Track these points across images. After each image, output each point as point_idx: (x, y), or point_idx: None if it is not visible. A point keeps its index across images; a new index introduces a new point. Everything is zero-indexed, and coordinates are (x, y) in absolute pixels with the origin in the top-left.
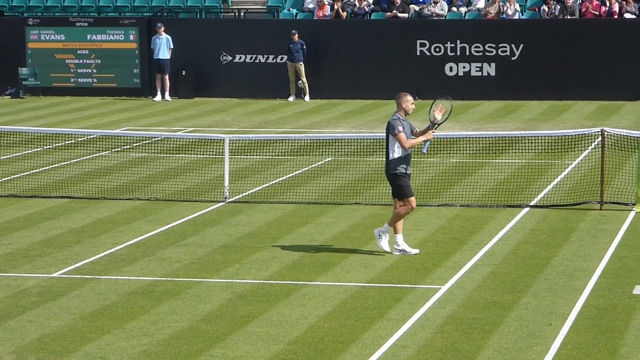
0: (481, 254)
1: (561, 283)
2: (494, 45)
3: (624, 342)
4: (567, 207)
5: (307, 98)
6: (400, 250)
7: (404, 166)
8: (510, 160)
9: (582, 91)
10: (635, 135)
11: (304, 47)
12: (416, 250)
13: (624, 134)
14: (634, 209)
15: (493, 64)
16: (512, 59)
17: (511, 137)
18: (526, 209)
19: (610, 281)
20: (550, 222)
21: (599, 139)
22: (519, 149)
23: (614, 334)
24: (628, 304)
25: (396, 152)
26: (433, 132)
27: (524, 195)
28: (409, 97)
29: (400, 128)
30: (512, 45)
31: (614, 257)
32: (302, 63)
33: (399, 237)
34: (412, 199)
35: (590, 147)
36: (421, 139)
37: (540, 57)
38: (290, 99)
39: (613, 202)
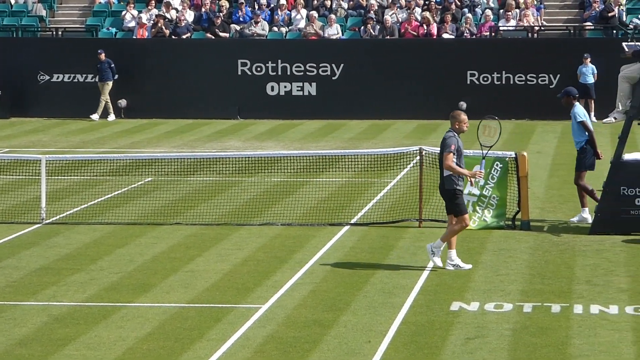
0: (302, 273)
1: (380, 300)
2: (315, 65)
3: (441, 358)
4: (386, 224)
5: (94, 117)
6: (454, 265)
7: (460, 183)
8: (331, 179)
9: (401, 110)
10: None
11: (112, 65)
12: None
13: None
14: None
15: (314, 84)
16: (333, 78)
17: (332, 155)
18: (346, 227)
19: (428, 298)
20: (370, 239)
21: (418, 157)
22: (339, 168)
23: (432, 350)
24: (446, 320)
25: None
26: (481, 172)
27: (345, 213)
28: (463, 117)
29: (453, 147)
30: (333, 65)
31: (432, 273)
32: (110, 82)
33: (453, 253)
34: (467, 216)
35: (409, 166)
36: (464, 172)
37: (361, 77)
38: (110, 118)
39: (431, 220)
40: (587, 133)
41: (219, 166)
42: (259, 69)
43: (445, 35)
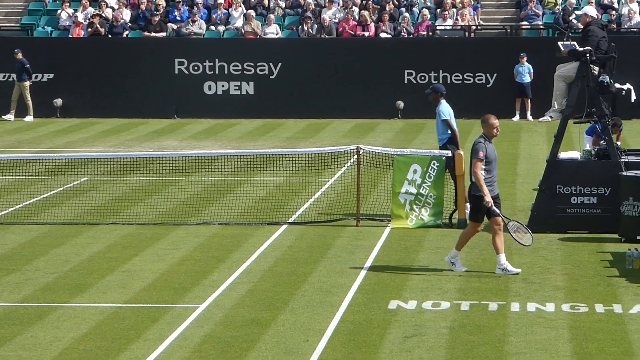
0: (239, 272)
1: (318, 299)
2: (253, 64)
3: (379, 356)
4: (324, 223)
5: (28, 119)
6: (503, 270)
7: (489, 188)
8: (268, 178)
9: (339, 109)
10: (390, 153)
11: (27, 66)
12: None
13: (379, 151)
14: (389, 224)
15: (252, 83)
16: (271, 77)
17: (269, 155)
18: (284, 226)
19: (366, 296)
20: (308, 238)
21: (355, 156)
22: (277, 167)
23: (370, 349)
24: (383, 318)
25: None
26: (491, 206)
27: (282, 212)
28: (493, 122)
29: (482, 153)
30: (271, 64)
31: (370, 272)
32: (25, 83)
33: (502, 257)
34: (479, 224)
35: (347, 165)
36: (485, 192)
37: (298, 76)
38: (7, 116)
39: (369, 219)
40: (449, 131)
41: (155, 166)
42: (196, 68)
43: (382, 35)
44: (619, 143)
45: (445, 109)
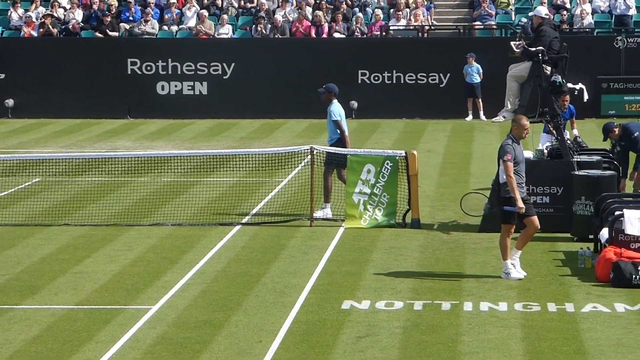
0: (192, 273)
1: (271, 300)
2: (206, 64)
3: (332, 356)
4: (278, 224)
5: None
6: (507, 274)
7: (518, 190)
8: (222, 179)
9: (292, 110)
10: (343, 152)
11: None
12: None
13: (333, 151)
14: (343, 225)
15: (205, 83)
16: (224, 77)
17: (223, 155)
18: (238, 227)
19: (319, 297)
20: (262, 239)
21: (309, 156)
22: (230, 167)
23: (323, 349)
24: (337, 318)
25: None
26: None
27: (236, 213)
28: (524, 123)
29: (509, 156)
30: (224, 64)
31: (324, 272)
32: None
33: (507, 262)
34: (511, 227)
35: (300, 165)
36: (517, 198)
37: (252, 76)
38: None
39: (323, 219)
40: (339, 132)
41: (108, 166)
42: (149, 68)
43: (336, 35)
44: (575, 132)
45: (336, 109)
